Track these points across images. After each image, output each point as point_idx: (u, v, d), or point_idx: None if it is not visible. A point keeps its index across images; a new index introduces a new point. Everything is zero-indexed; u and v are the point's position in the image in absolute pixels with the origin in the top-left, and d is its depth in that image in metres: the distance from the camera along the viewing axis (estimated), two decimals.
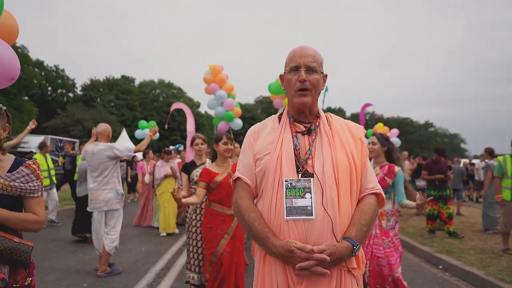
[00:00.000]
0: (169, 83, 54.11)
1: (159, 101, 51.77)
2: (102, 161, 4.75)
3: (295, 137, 1.65)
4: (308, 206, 1.50)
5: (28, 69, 27.94)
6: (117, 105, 45.20)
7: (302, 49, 1.68)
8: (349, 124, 1.75)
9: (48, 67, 44.16)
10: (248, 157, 1.71)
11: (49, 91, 45.42)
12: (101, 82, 46.80)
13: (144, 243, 7.01)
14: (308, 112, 1.70)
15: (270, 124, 1.77)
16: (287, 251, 1.45)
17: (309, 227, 1.49)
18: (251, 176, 1.67)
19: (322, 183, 1.53)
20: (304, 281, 1.47)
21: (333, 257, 1.44)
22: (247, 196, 1.67)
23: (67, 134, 31.29)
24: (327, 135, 1.64)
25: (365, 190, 1.65)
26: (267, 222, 1.57)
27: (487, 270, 5.09)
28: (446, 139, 74.70)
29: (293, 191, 1.53)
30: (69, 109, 37.37)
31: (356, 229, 1.53)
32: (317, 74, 1.64)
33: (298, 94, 1.64)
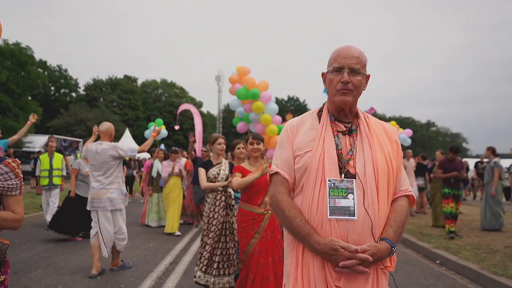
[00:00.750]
0: (172, 83, 54.39)
1: (161, 100, 52.04)
2: (105, 161, 4.71)
3: (336, 136, 1.65)
4: (351, 207, 1.53)
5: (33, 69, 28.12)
6: (119, 104, 45.50)
7: (346, 49, 1.67)
8: (385, 126, 1.77)
9: (51, 67, 44.45)
10: (287, 152, 1.70)
11: (52, 91, 45.73)
12: (103, 82, 47.12)
13: (149, 240, 7.13)
14: (348, 111, 1.70)
15: (309, 120, 1.75)
16: (331, 249, 1.48)
17: (351, 227, 1.52)
18: (289, 171, 1.68)
19: (364, 184, 1.56)
20: (342, 277, 1.51)
21: (375, 257, 1.48)
22: (286, 191, 1.68)
23: (70, 134, 31.55)
24: (367, 136, 1.66)
25: (398, 192, 1.68)
26: (307, 219, 1.59)
27: (481, 264, 5.30)
28: (448, 138, 74.58)
29: (336, 191, 1.55)
30: (72, 109, 37.64)
31: (393, 230, 1.57)
32: (360, 75, 1.65)
33: (339, 93, 1.64)
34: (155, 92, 53.73)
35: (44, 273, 4.87)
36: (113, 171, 4.76)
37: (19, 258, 5.53)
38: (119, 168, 4.83)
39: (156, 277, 4.85)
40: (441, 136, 73.01)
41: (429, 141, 66.70)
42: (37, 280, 4.58)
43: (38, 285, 4.41)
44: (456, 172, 7.58)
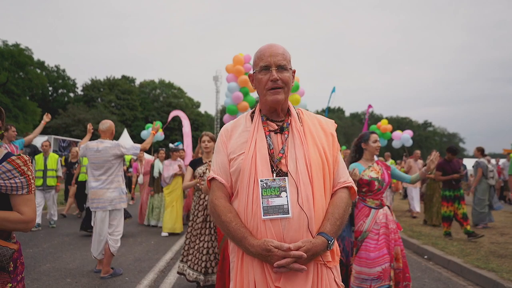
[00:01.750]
0: (170, 83, 54.56)
1: (159, 101, 52.20)
2: (107, 159, 4.65)
3: (268, 136, 1.66)
4: (285, 205, 1.53)
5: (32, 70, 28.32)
6: (117, 105, 45.64)
7: (271, 47, 1.68)
8: (320, 119, 1.77)
9: (49, 67, 44.61)
10: (222, 156, 1.71)
11: (50, 91, 45.88)
12: (101, 82, 47.27)
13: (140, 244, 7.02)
14: (280, 110, 1.71)
15: (243, 122, 1.76)
16: (264, 250, 1.47)
17: (286, 225, 1.52)
18: (225, 175, 1.68)
19: (296, 181, 1.56)
20: (282, 277, 1.50)
21: (310, 253, 1.47)
22: (223, 196, 1.67)
23: (68, 134, 31.71)
24: (299, 133, 1.66)
25: (337, 184, 1.69)
26: (244, 221, 1.58)
27: (466, 258, 5.61)
28: (444, 138, 74.55)
29: (269, 191, 1.55)
30: (70, 109, 37.78)
31: (330, 224, 1.56)
32: (287, 72, 1.66)
33: (270, 92, 1.65)
34: (153, 92, 53.87)
35: (52, 267, 5.15)
36: (113, 170, 4.71)
37: (26, 254, 5.79)
38: (119, 167, 4.79)
39: (158, 271, 5.11)
40: (437, 136, 72.95)
41: (426, 141, 66.93)
42: (46, 273, 4.86)
43: (47, 277, 4.69)
44: (456, 174, 7.44)
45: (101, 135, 4.84)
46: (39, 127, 6.14)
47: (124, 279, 4.79)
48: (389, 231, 3.71)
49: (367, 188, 3.78)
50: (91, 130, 5.21)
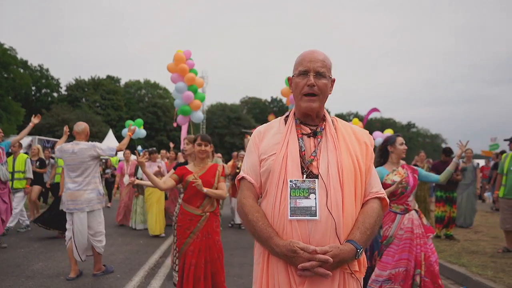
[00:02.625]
0: (155, 84, 54.38)
1: (144, 101, 51.96)
2: (83, 161, 4.65)
3: (300, 139, 1.66)
4: (312, 207, 1.51)
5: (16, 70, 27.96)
6: (102, 105, 45.31)
7: (312, 53, 1.68)
8: (354, 128, 1.76)
9: (32, 66, 43.96)
10: (253, 157, 1.72)
11: (33, 91, 45.19)
12: (86, 82, 46.88)
13: (129, 244, 7.05)
14: (314, 116, 1.71)
15: (276, 125, 1.77)
16: (290, 251, 1.45)
17: (313, 227, 1.49)
18: (255, 176, 1.69)
19: (326, 184, 1.54)
20: (306, 282, 1.47)
21: (336, 259, 1.44)
22: (251, 195, 1.67)
23: (52, 135, 31.34)
24: (332, 138, 1.65)
25: (369, 194, 1.66)
26: (270, 222, 1.57)
27: (440, 255, 5.93)
28: (428, 139, 75.60)
29: (298, 192, 1.54)
30: (54, 109, 37.34)
31: (360, 232, 1.52)
32: (325, 79, 1.65)
33: (305, 99, 1.65)
34: (138, 92, 53.63)
35: (45, 265, 5.29)
36: (90, 171, 4.72)
37: (19, 253, 5.91)
38: (96, 168, 4.81)
39: (148, 268, 5.23)
40: (421, 137, 73.92)
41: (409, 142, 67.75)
42: (40, 271, 5.01)
43: (41, 275, 4.84)
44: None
45: (76, 136, 4.83)
46: (26, 128, 5.79)
47: (116, 276, 4.96)
48: (414, 236, 3.63)
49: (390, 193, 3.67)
50: (67, 132, 5.20)
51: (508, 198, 6.23)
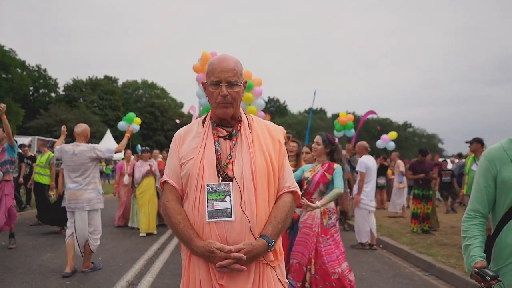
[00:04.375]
0: (153, 84, 54.79)
1: (142, 101, 52.38)
2: (83, 162, 4.78)
3: (217, 142, 1.73)
4: (228, 209, 1.62)
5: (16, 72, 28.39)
6: (100, 105, 45.68)
7: (222, 62, 1.73)
8: (269, 126, 1.86)
9: (30, 66, 44.27)
10: (174, 160, 1.79)
11: (31, 91, 45.52)
12: (84, 82, 47.23)
13: (124, 241, 7.24)
14: (230, 119, 1.79)
15: (195, 128, 1.83)
16: (208, 251, 1.57)
17: (229, 228, 1.61)
18: (177, 179, 1.76)
19: (240, 186, 1.64)
20: (225, 276, 1.60)
21: (250, 255, 1.57)
22: (174, 198, 1.75)
23: (50, 135, 31.67)
24: (247, 140, 1.74)
25: (282, 189, 1.78)
26: (192, 223, 1.67)
27: (412, 246, 6.57)
28: (424, 139, 75.22)
29: (214, 195, 1.64)
30: (52, 109, 37.69)
31: (272, 227, 1.66)
32: (238, 87, 1.72)
33: (220, 105, 1.72)
34: (136, 92, 54.03)
35: (53, 256, 5.82)
36: (90, 172, 4.87)
37: (29, 245, 6.44)
38: (96, 169, 4.97)
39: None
40: (417, 137, 73.74)
41: (405, 142, 67.75)
42: (50, 261, 5.54)
43: (51, 264, 5.37)
44: (423, 174, 8.00)
45: (76, 138, 4.94)
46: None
47: (118, 264, 5.49)
48: (312, 233, 3.77)
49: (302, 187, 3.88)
50: (65, 131, 5.29)
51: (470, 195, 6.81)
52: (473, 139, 7.16)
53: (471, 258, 1.83)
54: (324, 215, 3.79)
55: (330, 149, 3.97)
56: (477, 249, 1.85)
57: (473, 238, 1.89)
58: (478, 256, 1.81)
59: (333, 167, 3.88)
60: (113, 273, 5.11)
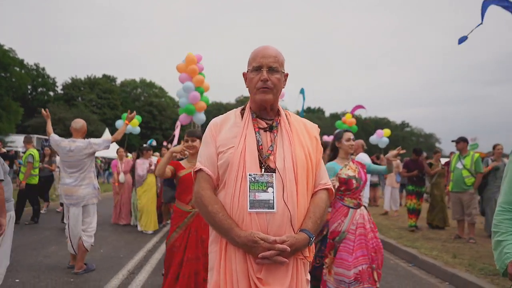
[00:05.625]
0: (151, 83, 54.92)
1: (140, 100, 52.52)
2: (80, 159, 4.79)
3: (257, 133, 1.72)
4: (270, 200, 1.59)
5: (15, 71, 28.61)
6: (98, 104, 45.74)
7: (264, 49, 1.75)
8: (306, 123, 1.85)
9: (28, 65, 44.35)
10: (210, 149, 1.75)
11: (29, 90, 45.60)
12: (82, 81, 47.31)
13: (124, 235, 7.47)
14: (269, 109, 1.77)
15: (233, 118, 1.80)
16: (251, 241, 1.53)
17: (270, 219, 1.58)
18: (213, 168, 1.72)
19: (283, 178, 1.62)
20: (263, 269, 1.57)
21: (293, 248, 1.56)
22: (209, 187, 1.71)
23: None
24: (287, 133, 1.73)
25: (318, 185, 1.77)
26: (229, 213, 1.63)
27: (399, 240, 6.91)
28: (421, 138, 75.32)
29: (256, 185, 1.61)
30: (51, 108, 37.62)
31: (312, 222, 1.65)
32: (278, 74, 1.72)
33: (260, 91, 1.70)
34: (134, 91, 54.14)
35: (58, 248, 6.12)
36: (86, 167, 4.87)
37: (33, 239, 6.74)
38: (92, 163, 4.96)
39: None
40: (414, 137, 73.80)
41: (403, 142, 67.66)
42: (55, 253, 5.85)
43: (56, 256, 5.68)
44: (416, 171, 8.37)
45: (73, 133, 4.92)
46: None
47: (118, 256, 5.79)
48: (366, 232, 3.67)
49: (345, 187, 3.71)
50: (48, 115, 5.06)
51: (455, 191, 7.19)
52: (459, 138, 7.51)
53: (505, 256, 1.69)
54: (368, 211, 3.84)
55: None
56: (511, 245, 1.71)
57: (506, 234, 1.74)
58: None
59: (362, 163, 3.96)
60: (115, 263, 5.46)
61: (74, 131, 4.91)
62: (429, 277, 5.20)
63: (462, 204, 7.10)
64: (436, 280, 5.06)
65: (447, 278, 4.96)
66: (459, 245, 6.55)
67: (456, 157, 7.43)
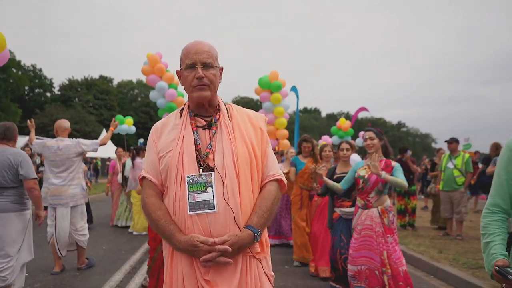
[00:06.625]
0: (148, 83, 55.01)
1: (137, 101, 52.63)
2: (69, 157, 4.76)
3: (195, 132, 1.67)
4: (210, 200, 1.55)
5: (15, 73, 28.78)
6: (95, 105, 45.86)
7: (196, 45, 1.68)
8: (250, 114, 1.80)
9: (25, 66, 44.42)
10: (152, 155, 1.72)
11: (27, 91, 45.67)
12: (79, 82, 47.45)
13: (124, 234, 7.60)
14: (208, 106, 1.72)
15: (172, 120, 1.76)
16: (191, 246, 1.50)
17: (212, 219, 1.54)
18: (156, 174, 1.69)
19: (222, 176, 1.57)
20: (210, 270, 1.52)
21: (236, 246, 1.50)
22: (153, 194, 1.68)
23: (46, 134, 31.94)
24: (227, 128, 1.67)
25: (266, 177, 1.71)
26: (173, 218, 1.60)
27: None
28: (417, 138, 75.87)
29: (195, 186, 1.56)
30: (48, 109, 37.91)
31: (257, 216, 1.59)
32: (213, 69, 1.67)
33: (196, 89, 1.65)
34: (131, 92, 54.24)
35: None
36: (75, 167, 4.84)
37: (40, 236, 6.92)
38: (80, 164, 4.95)
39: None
40: (410, 137, 74.12)
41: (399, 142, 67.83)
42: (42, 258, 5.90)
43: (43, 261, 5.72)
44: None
45: (60, 133, 4.91)
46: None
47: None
48: (374, 234, 3.59)
49: (356, 186, 3.76)
50: (33, 125, 5.17)
51: (445, 190, 7.47)
52: (451, 139, 7.79)
53: (492, 256, 1.69)
54: (383, 214, 3.63)
55: (383, 141, 3.82)
56: (498, 246, 1.70)
57: (493, 235, 1.74)
58: (499, 254, 1.67)
59: (391, 164, 3.71)
60: (118, 259, 5.77)
61: (63, 130, 4.92)
62: (415, 271, 5.46)
63: (452, 203, 7.37)
64: (422, 273, 5.33)
65: (432, 271, 5.23)
66: (446, 241, 6.83)
67: (446, 157, 7.71)
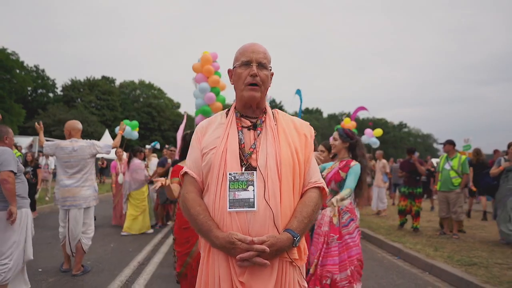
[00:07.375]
0: (150, 84, 55.34)
1: (139, 101, 52.91)
2: (84, 158, 4.79)
3: (240, 132, 1.68)
4: (251, 199, 1.54)
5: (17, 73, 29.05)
6: (98, 105, 46.15)
7: (253, 45, 1.72)
8: (295, 120, 1.80)
9: (28, 67, 44.72)
10: (195, 152, 1.74)
11: (29, 91, 45.97)
12: (81, 83, 47.71)
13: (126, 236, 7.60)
14: (255, 107, 1.73)
15: (218, 119, 1.79)
16: (228, 243, 1.48)
17: (251, 218, 1.53)
18: (198, 170, 1.70)
19: (264, 176, 1.56)
20: (246, 272, 1.50)
21: (274, 248, 1.47)
22: (194, 190, 1.69)
23: (49, 135, 32.26)
24: (272, 130, 1.68)
25: (308, 184, 1.69)
26: (212, 215, 1.59)
27: (387, 236, 7.40)
28: (419, 139, 75.88)
29: (236, 184, 1.56)
30: (50, 110, 38.22)
31: (297, 221, 1.56)
32: (267, 70, 1.69)
33: (248, 88, 1.67)
34: (133, 93, 54.52)
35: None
36: (88, 169, 4.87)
37: (48, 235, 7.21)
38: (92, 165, 4.98)
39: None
40: (412, 137, 74.22)
41: (400, 142, 67.52)
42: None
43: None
44: (405, 173, 8.44)
45: (73, 134, 4.92)
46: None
47: (128, 250, 6.26)
48: (321, 232, 3.59)
49: None
50: (42, 128, 5.30)
51: (442, 191, 7.68)
52: (446, 141, 8.02)
53: None
54: (337, 214, 3.54)
55: (349, 143, 3.79)
56: None
57: None
58: None
59: (350, 164, 3.66)
60: (126, 256, 5.99)
61: (77, 131, 4.95)
62: (411, 268, 5.68)
63: (449, 203, 7.58)
64: (418, 270, 5.54)
65: (428, 268, 5.44)
66: (443, 240, 7.05)
67: (444, 158, 7.93)
